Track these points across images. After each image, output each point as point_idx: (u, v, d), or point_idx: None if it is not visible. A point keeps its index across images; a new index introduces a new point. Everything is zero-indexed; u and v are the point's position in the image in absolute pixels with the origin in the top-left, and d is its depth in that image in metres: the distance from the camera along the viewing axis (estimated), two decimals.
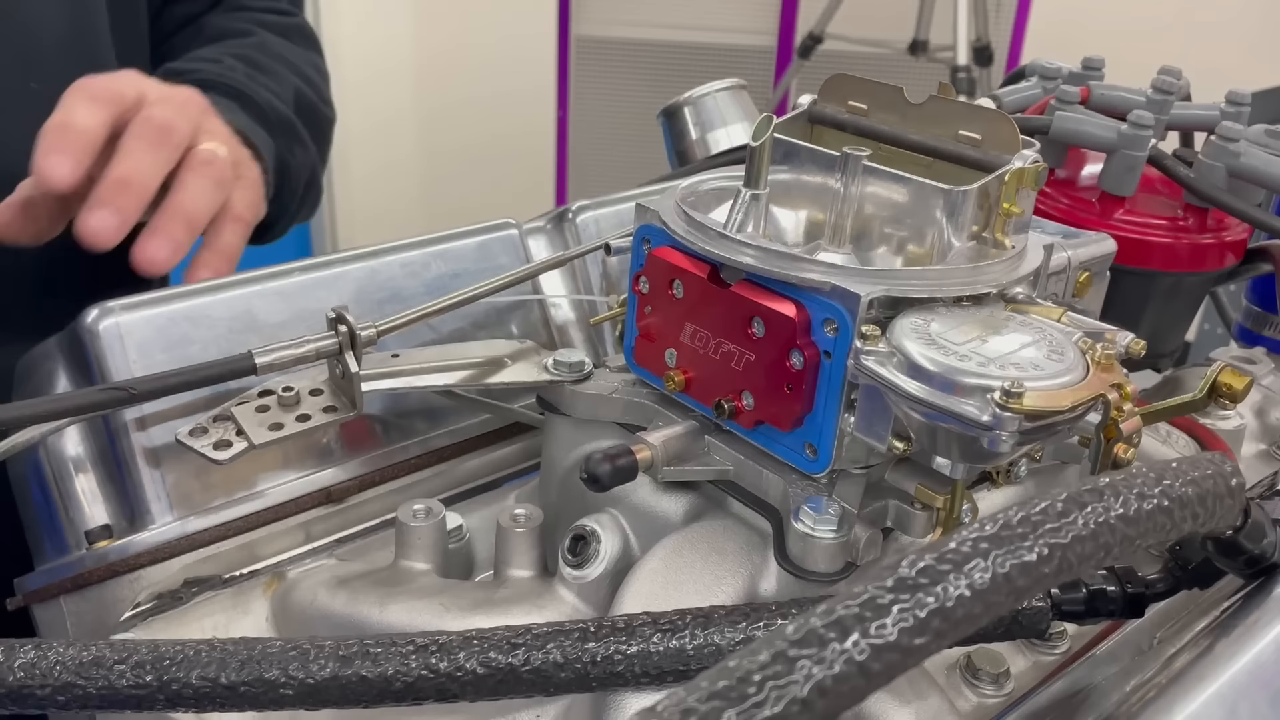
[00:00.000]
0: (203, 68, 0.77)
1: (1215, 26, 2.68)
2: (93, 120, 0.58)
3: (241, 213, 0.65)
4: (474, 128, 3.14)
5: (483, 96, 3.10)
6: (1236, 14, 2.68)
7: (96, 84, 0.60)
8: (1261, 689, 0.31)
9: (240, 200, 0.66)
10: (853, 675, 0.24)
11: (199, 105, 0.66)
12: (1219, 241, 0.60)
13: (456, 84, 3.13)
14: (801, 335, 0.41)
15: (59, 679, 0.35)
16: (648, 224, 0.47)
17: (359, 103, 2.90)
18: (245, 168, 0.69)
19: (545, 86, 3.04)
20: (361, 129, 2.94)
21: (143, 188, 0.58)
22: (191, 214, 0.60)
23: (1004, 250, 0.44)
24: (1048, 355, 0.38)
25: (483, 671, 0.36)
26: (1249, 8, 2.68)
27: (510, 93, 3.08)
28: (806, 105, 0.51)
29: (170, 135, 0.60)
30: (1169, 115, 0.62)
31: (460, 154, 3.18)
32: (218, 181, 0.62)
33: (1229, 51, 2.42)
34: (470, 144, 3.15)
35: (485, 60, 3.09)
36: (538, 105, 3.06)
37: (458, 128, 3.16)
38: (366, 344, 0.48)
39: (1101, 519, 0.29)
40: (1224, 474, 0.32)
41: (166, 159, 0.60)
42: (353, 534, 0.54)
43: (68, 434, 0.50)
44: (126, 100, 0.60)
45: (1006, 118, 0.45)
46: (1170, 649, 0.38)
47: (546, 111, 3.07)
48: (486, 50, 3.08)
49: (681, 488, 0.47)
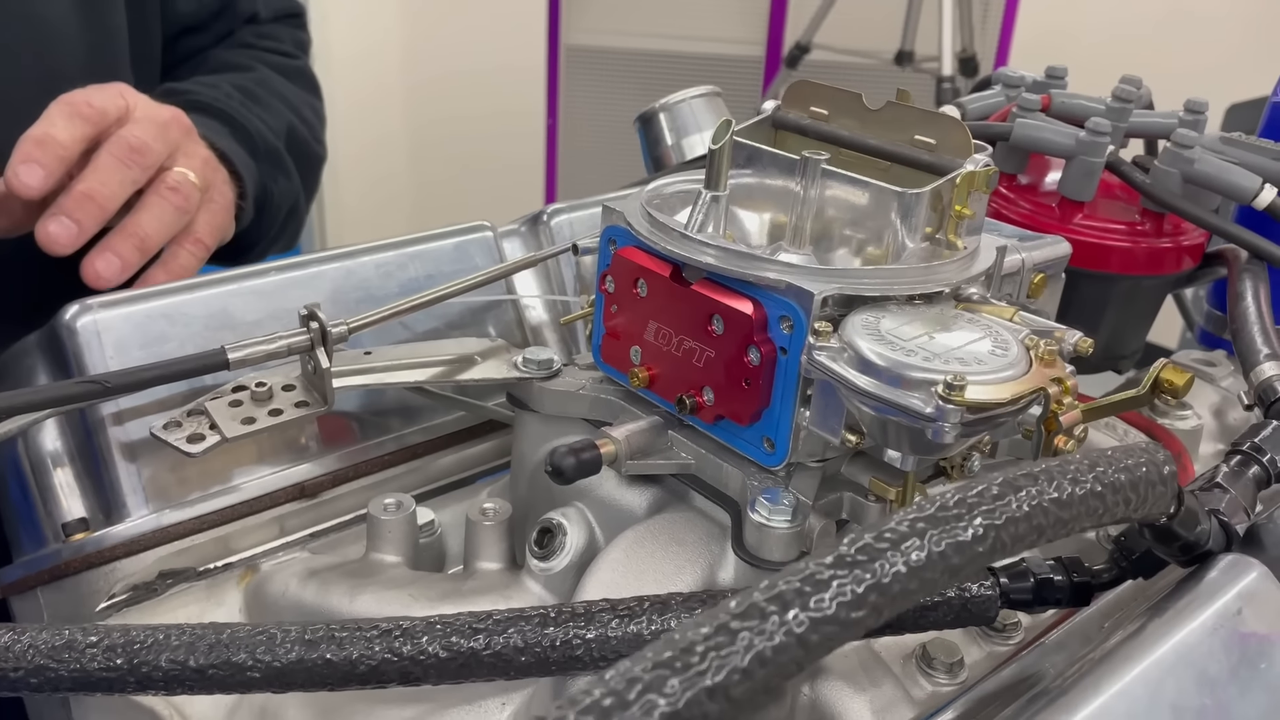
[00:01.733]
0: (200, 90, 0.80)
1: (1200, 37, 2.71)
2: (70, 134, 0.60)
3: (202, 235, 0.68)
4: (464, 136, 3.15)
5: (472, 105, 3.11)
6: (1221, 25, 2.71)
7: (82, 99, 0.62)
8: (1187, 669, 0.32)
9: (204, 223, 0.68)
10: (791, 646, 0.26)
11: (181, 127, 0.68)
12: (1176, 245, 0.62)
13: (446, 93, 3.14)
14: (759, 332, 0.43)
15: (32, 662, 0.35)
16: (614, 225, 0.48)
17: (349, 112, 2.91)
18: (217, 191, 0.71)
19: (535, 95, 3.05)
20: (352, 137, 2.95)
21: (104, 203, 0.60)
22: (146, 236, 0.62)
23: (956, 251, 0.45)
24: (992, 351, 0.39)
25: (445, 655, 0.37)
26: (1234, 18, 2.71)
27: (500, 101, 3.09)
28: (770, 110, 0.53)
29: (143, 156, 0.62)
30: (1128, 123, 0.63)
31: (450, 162, 3.20)
32: (180, 207, 0.65)
33: (1214, 62, 2.44)
34: (460, 152, 3.17)
35: (475, 69, 3.10)
36: (528, 114, 3.08)
37: (448, 136, 3.18)
38: (338, 340, 0.49)
39: (1035, 502, 0.30)
40: (1156, 462, 0.34)
41: (134, 179, 0.63)
42: (326, 528, 0.55)
43: (45, 428, 0.51)
44: (108, 117, 0.63)
45: (960, 123, 0.46)
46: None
47: (536, 120, 3.09)
48: (477, 59, 3.09)
49: (645, 481, 0.48)
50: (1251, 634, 0.34)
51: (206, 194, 0.69)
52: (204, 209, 0.68)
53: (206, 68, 0.88)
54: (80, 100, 0.62)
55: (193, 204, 0.66)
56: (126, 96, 0.65)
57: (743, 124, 0.52)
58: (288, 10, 0.99)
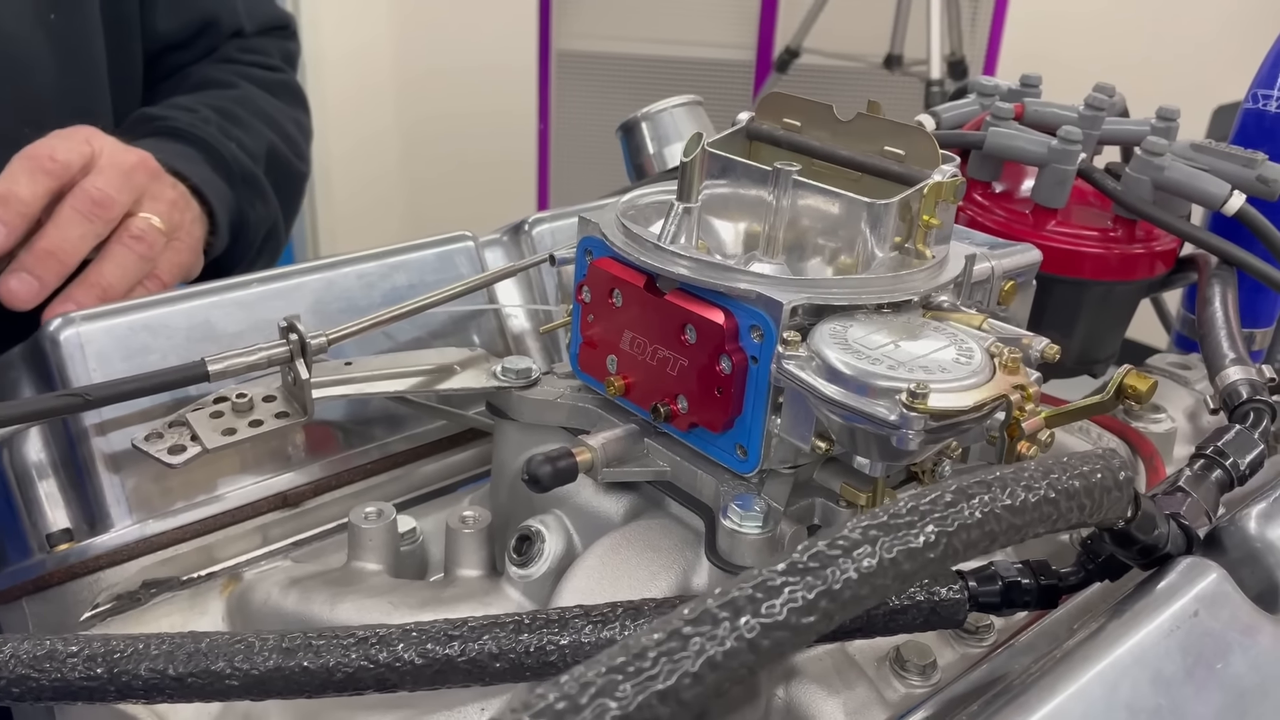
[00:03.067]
0: (176, 116, 0.81)
1: (1189, 37, 2.73)
2: (33, 191, 0.62)
3: (163, 275, 0.69)
4: (455, 142, 3.16)
5: (464, 110, 3.12)
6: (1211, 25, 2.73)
7: (45, 153, 0.63)
8: (1143, 669, 0.33)
9: (167, 262, 0.69)
10: (742, 651, 0.26)
11: (148, 171, 0.68)
12: (1148, 251, 0.63)
13: (438, 98, 3.15)
14: (730, 341, 0.43)
15: (13, 672, 0.36)
16: (589, 236, 0.49)
17: (341, 118, 2.92)
18: (185, 231, 0.72)
19: (526, 100, 3.06)
20: (343, 143, 2.96)
21: (65, 259, 0.62)
22: (108, 286, 0.64)
23: (925, 260, 0.46)
24: (956, 359, 0.40)
25: (420, 662, 0.38)
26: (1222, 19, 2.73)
27: (491, 106, 3.10)
28: (745, 122, 0.53)
29: (105, 209, 0.64)
30: (1100, 130, 0.64)
31: (442, 168, 3.21)
32: (143, 255, 0.66)
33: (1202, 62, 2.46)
34: (452, 158, 3.17)
35: (466, 74, 3.11)
36: (519, 119, 3.09)
37: (439, 141, 3.18)
38: (317, 351, 0.50)
39: (988, 509, 0.31)
40: (1112, 468, 0.34)
41: (97, 232, 0.64)
42: (309, 537, 0.55)
43: (30, 440, 0.52)
44: (71, 169, 0.64)
45: (928, 135, 0.47)
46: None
47: (528, 125, 3.10)
48: (467, 64, 3.10)
49: (622, 488, 0.49)
50: (1208, 635, 0.35)
51: (173, 234, 0.69)
52: (169, 249, 0.69)
53: (188, 84, 0.89)
54: (44, 154, 0.63)
55: (156, 250, 0.67)
56: (93, 143, 0.65)
57: (717, 135, 0.52)
58: (275, 23, 0.99)
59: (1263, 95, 0.68)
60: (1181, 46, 2.71)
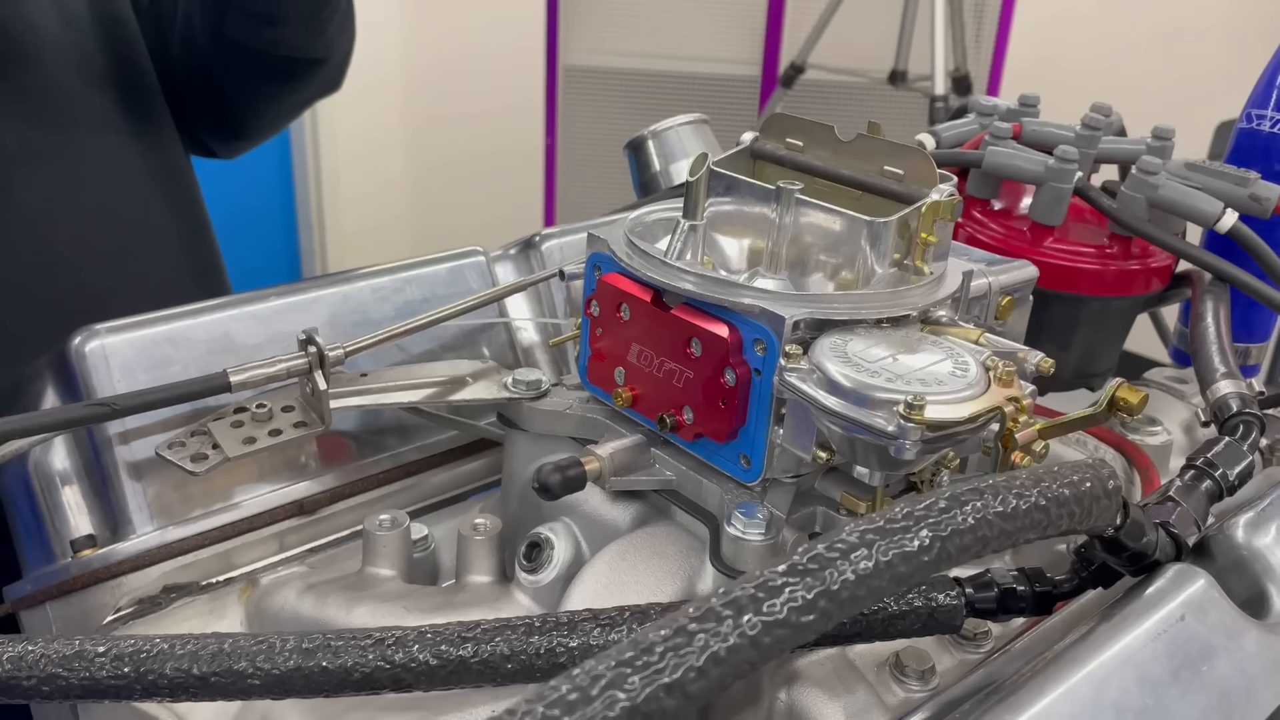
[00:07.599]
0: None
1: (1190, 53, 2.75)
2: None
3: None
4: (463, 156, 3.19)
5: (471, 125, 3.15)
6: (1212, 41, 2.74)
7: None
8: (1130, 671, 0.34)
9: None
10: (745, 648, 0.28)
11: None
12: (1144, 267, 0.64)
13: (445, 113, 3.18)
14: (734, 354, 0.45)
15: (44, 671, 0.38)
16: (598, 252, 0.51)
17: (349, 127, 2.95)
18: None
19: (534, 115, 3.09)
20: (351, 153, 2.99)
21: None
22: None
23: (923, 276, 0.48)
24: (952, 372, 0.42)
25: (435, 663, 0.39)
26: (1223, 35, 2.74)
27: (499, 121, 3.13)
28: (749, 142, 0.55)
29: None
30: (1097, 149, 0.66)
31: (449, 180, 3.23)
32: None
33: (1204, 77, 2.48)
34: (459, 171, 3.20)
35: (474, 89, 3.14)
36: (526, 133, 3.11)
37: (447, 154, 3.21)
38: (334, 363, 0.51)
39: (980, 515, 0.32)
40: (1101, 478, 0.36)
41: None
42: (324, 544, 0.57)
43: (55, 449, 0.53)
44: None
45: (926, 155, 0.49)
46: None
47: (535, 139, 3.12)
48: (475, 79, 3.13)
49: (629, 497, 0.51)
50: (1194, 639, 0.36)
51: None
52: None
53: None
54: None
55: None
56: None
57: (722, 154, 0.54)
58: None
59: (1257, 115, 0.69)
60: (1184, 60, 2.73)
